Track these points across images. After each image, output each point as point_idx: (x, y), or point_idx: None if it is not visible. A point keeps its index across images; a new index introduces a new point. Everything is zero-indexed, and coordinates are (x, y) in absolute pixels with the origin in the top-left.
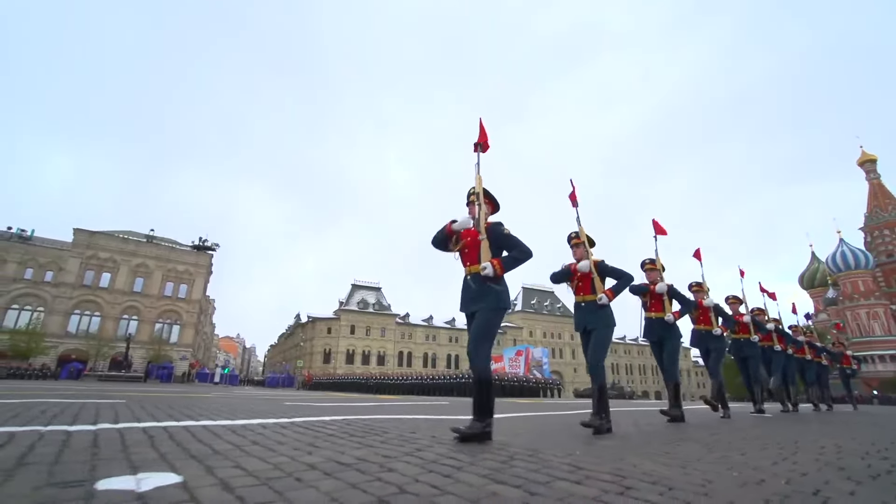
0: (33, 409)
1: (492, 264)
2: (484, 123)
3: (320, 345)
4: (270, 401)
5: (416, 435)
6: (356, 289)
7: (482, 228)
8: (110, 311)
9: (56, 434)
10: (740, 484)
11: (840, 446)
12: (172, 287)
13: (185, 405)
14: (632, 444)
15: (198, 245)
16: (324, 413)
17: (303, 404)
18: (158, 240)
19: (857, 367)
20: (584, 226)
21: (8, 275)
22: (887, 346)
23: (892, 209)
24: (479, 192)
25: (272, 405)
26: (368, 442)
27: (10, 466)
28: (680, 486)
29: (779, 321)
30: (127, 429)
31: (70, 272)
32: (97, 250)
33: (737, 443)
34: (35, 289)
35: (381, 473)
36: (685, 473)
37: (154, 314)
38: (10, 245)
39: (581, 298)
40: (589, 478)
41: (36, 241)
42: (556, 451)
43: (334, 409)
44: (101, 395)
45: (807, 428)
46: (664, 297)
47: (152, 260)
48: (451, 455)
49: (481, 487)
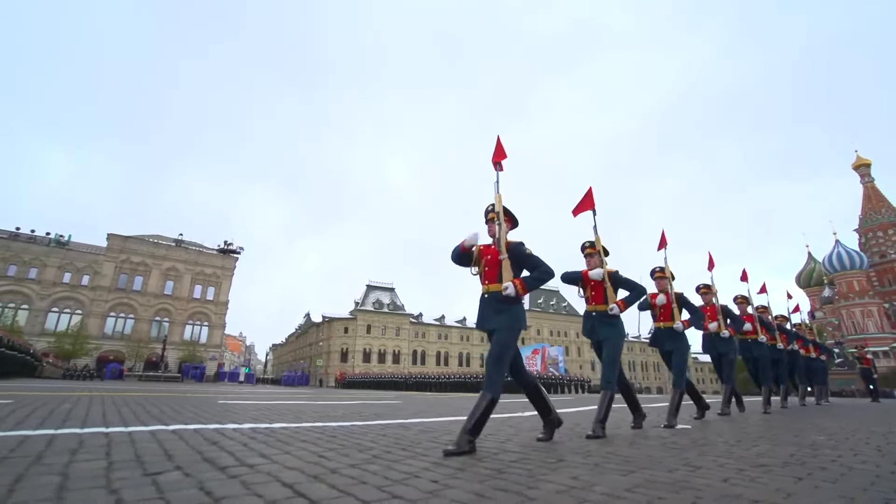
0: (324, 411)
1: (514, 284)
2: (502, 141)
3: (338, 344)
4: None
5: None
6: (371, 289)
7: (503, 248)
8: (143, 313)
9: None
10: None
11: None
12: (201, 289)
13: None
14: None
15: (223, 248)
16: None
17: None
18: (186, 244)
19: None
20: (600, 235)
21: (48, 279)
22: (881, 343)
23: (885, 212)
24: (499, 210)
25: (444, 406)
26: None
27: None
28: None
29: (787, 318)
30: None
31: (105, 276)
32: (130, 254)
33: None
34: (73, 292)
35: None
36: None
37: (184, 316)
38: (50, 250)
39: (593, 308)
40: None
41: (73, 246)
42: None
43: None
44: (240, 395)
45: (849, 415)
46: (672, 306)
47: (181, 263)
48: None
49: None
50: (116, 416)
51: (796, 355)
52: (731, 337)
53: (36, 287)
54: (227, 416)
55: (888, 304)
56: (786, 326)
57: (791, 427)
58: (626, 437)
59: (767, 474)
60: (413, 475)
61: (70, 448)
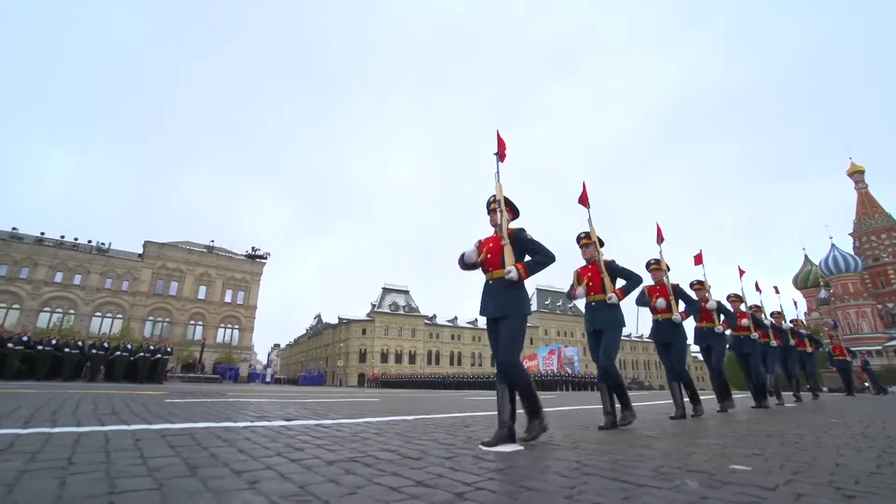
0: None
1: (516, 268)
2: (502, 135)
3: (356, 345)
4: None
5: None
6: (387, 292)
7: (505, 234)
8: (179, 317)
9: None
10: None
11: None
12: (231, 294)
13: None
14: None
15: (250, 254)
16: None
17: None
18: (217, 250)
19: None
20: (594, 227)
21: (92, 285)
22: (875, 343)
23: (879, 217)
24: (500, 199)
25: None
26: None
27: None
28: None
29: (781, 314)
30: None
31: (144, 281)
32: (166, 261)
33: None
34: (114, 297)
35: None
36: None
37: (217, 319)
38: (93, 258)
39: (591, 298)
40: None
41: (112, 253)
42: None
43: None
44: (308, 396)
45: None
46: (670, 298)
47: (213, 269)
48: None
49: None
50: (346, 411)
51: (790, 350)
52: (724, 332)
53: (81, 293)
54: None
55: (881, 305)
56: (779, 325)
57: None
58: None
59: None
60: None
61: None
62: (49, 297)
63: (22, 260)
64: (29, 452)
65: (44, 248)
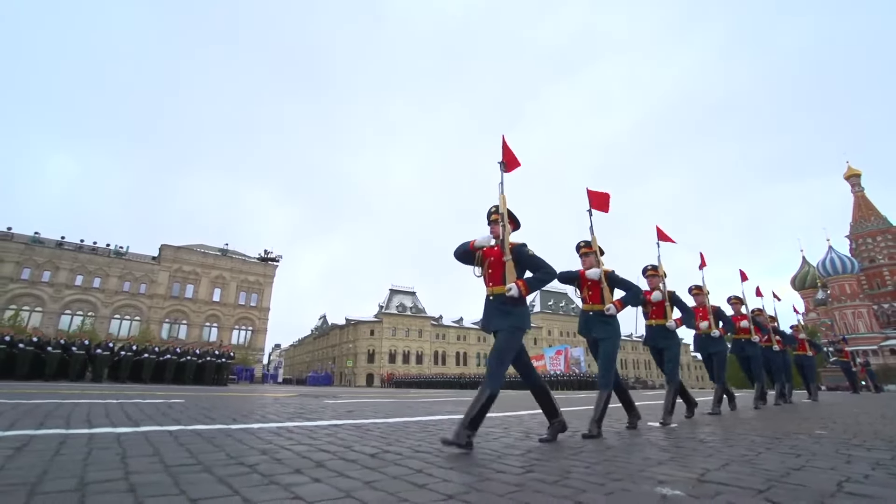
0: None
1: (517, 286)
2: (507, 141)
3: (364, 346)
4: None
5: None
6: (394, 293)
7: (507, 249)
8: (195, 319)
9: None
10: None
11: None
12: (245, 296)
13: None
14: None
15: (263, 257)
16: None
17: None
18: (231, 253)
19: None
20: (596, 235)
21: (111, 288)
22: (871, 342)
23: (874, 220)
24: (503, 212)
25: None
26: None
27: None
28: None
29: (774, 318)
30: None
31: (161, 284)
32: (182, 264)
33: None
34: (133, 300)
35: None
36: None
37: (232, 321)
38: (112, 261)
39: (590, 307)
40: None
41: (130, 257)
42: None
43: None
44: (339, 394)
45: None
46: (665, 304)
47: (227, 272)
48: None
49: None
50: (391, 410)
51: (786, 353)
52: (721, 337)
53: (100, 295)
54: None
55: (877, 305)
56: (779, 328)
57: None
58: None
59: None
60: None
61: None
62: (70, 299)
63: (44, 263)
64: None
65: (64, 252)
